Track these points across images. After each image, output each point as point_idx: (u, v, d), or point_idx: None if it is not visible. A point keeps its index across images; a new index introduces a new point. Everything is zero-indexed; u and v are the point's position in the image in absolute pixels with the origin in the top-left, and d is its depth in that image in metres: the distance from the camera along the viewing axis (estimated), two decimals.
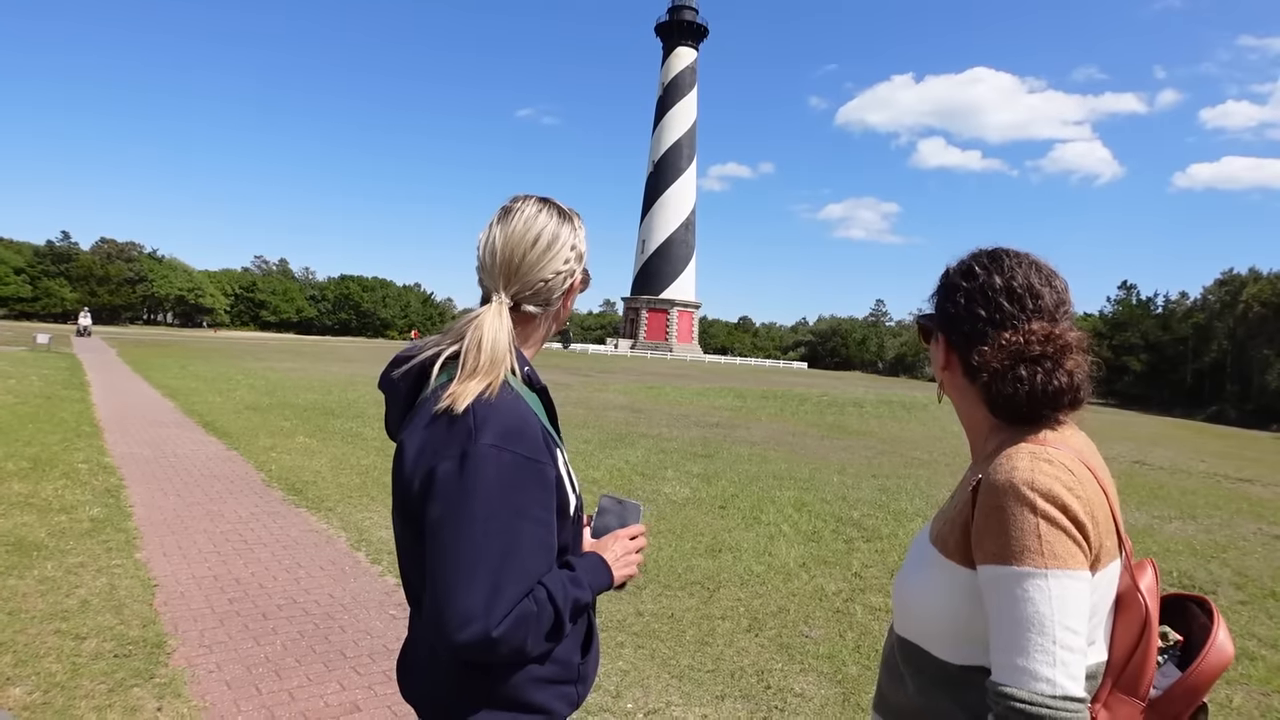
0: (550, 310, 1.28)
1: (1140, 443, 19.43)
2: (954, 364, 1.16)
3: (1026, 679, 0.91)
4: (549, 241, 1.23)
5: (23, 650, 3.34)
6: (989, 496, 0.99)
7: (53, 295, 74.77)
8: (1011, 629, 0.93)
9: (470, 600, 1.03)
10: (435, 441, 1.10)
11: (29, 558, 4.54)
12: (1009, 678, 0.92)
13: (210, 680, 3.23)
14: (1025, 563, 0.94)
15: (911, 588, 1.13)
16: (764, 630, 4.17)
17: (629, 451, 10.34)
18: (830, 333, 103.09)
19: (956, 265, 1.18)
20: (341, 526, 5.78)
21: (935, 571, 1.08)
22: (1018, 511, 0.96)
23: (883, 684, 1.22)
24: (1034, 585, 0.93)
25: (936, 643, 1.08)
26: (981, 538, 0.99)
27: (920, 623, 1.10)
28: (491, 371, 1.13)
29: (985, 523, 0.99)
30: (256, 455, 8.48)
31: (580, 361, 44.43)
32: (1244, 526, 8.31)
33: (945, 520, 1.12)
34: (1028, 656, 0.92)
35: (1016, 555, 0.95)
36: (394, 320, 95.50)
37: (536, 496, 1.11)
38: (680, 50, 75.41)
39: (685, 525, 6.37)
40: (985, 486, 1.01)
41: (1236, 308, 54.95)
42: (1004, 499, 0.98)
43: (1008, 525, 0.96)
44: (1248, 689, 3.88)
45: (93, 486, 6.45)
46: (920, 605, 1.10)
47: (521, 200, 1.27)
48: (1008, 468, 1.00)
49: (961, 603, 1.03)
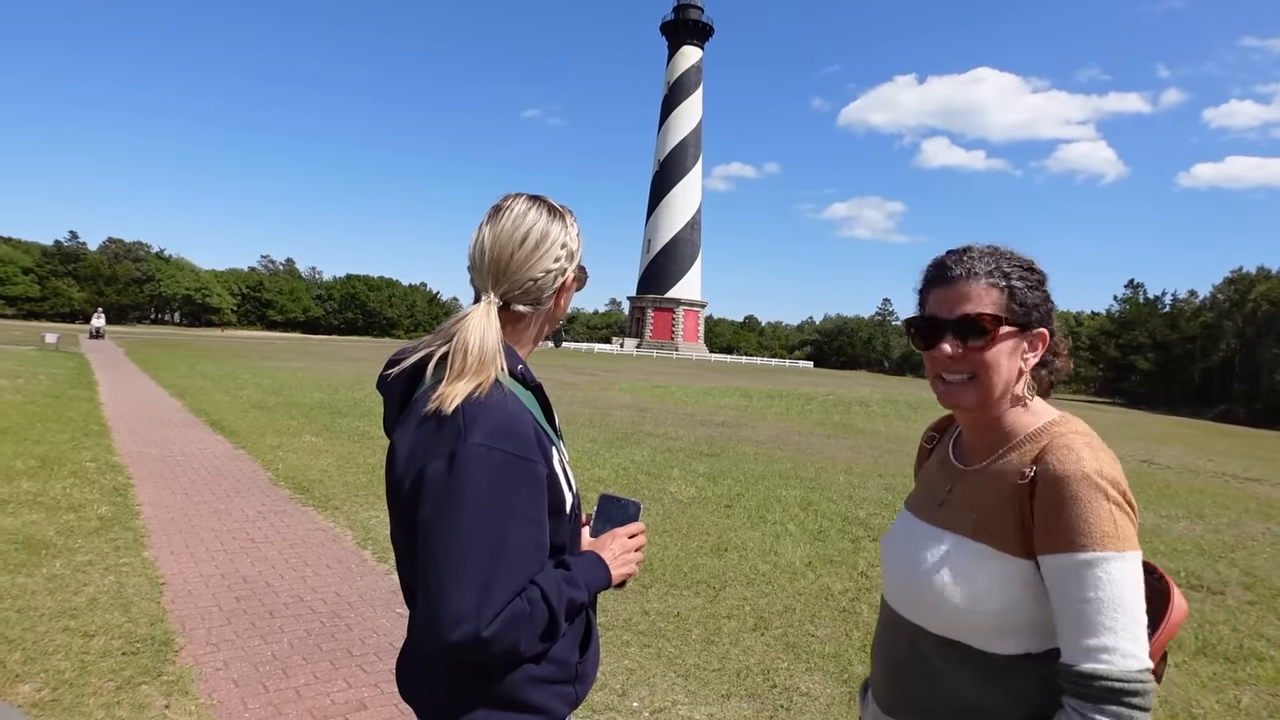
0: (542, 309, 1.27)
1: (1148, 442, 19.34)
2: (1019, 350, 1.14)
3: (1116, 657, 0.97)
4: (538, 240, 1.22)
5: (32, 648, 3.36)
6: (1061, 487, 1.03)
7: (61, 295, 75.13)
8: (1096, 611, 0.98)
9: (460, 600, 1.03)
10: (425, 441, 1.10)
11: (38, 556, 4.56)
12: (1095, 658, 0.98)
13: (218, 678, 3.24)
14: (1108, 547, 0.99)
15: (950, 584, 1.11)
16: (770, 629, 4.17)
17: (635, 451, 10.34)
18: (836, 332, 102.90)
19: (1018, 257, 1.16)
20: (348, 525, 5.80)
21: (985, 564, 1.09)
22: (1093, 499, 1.01)
23: (904, 686, 1.20)
24: (1117, 568, 0.99)
25: (983, 636, 1.09)
26: (1056, 528, 1.02)
27: (966, 617, 1.10)
28: (481, 372, 1.12)
29: (1059, 513, 1.02)
30: (264, 454, 8.51)
31: (586, 361, 44.46)
32: (1252, 526, 8.25)
33: (980, 513, 1.13)
34: (1116, 636, 0.97)
35: (1098, 541, 1.00)
36: (400, 320, 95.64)
37: (528, 495, 1.10)
38: (686, 49, 75.33)
39: (691, 524, 6.36)
40: (1053, 478, 1.04)
41: (1245, 306, 54.60)
42: (1078, 488, 1.02)
43: (1086, 514, 1.01)
44: (1256, 689, 3.85)
45: (101, 485, 6.48)
46: (966, 600, 1.09)
47: (512, 198, 1.26)
48: (1074, 458, 1.04)
49: (1019, 593, 1.07)
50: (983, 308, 1.11)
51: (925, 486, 1.31)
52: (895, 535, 1.29)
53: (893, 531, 1.31)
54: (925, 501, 1.27)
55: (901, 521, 1.30)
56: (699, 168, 75.39)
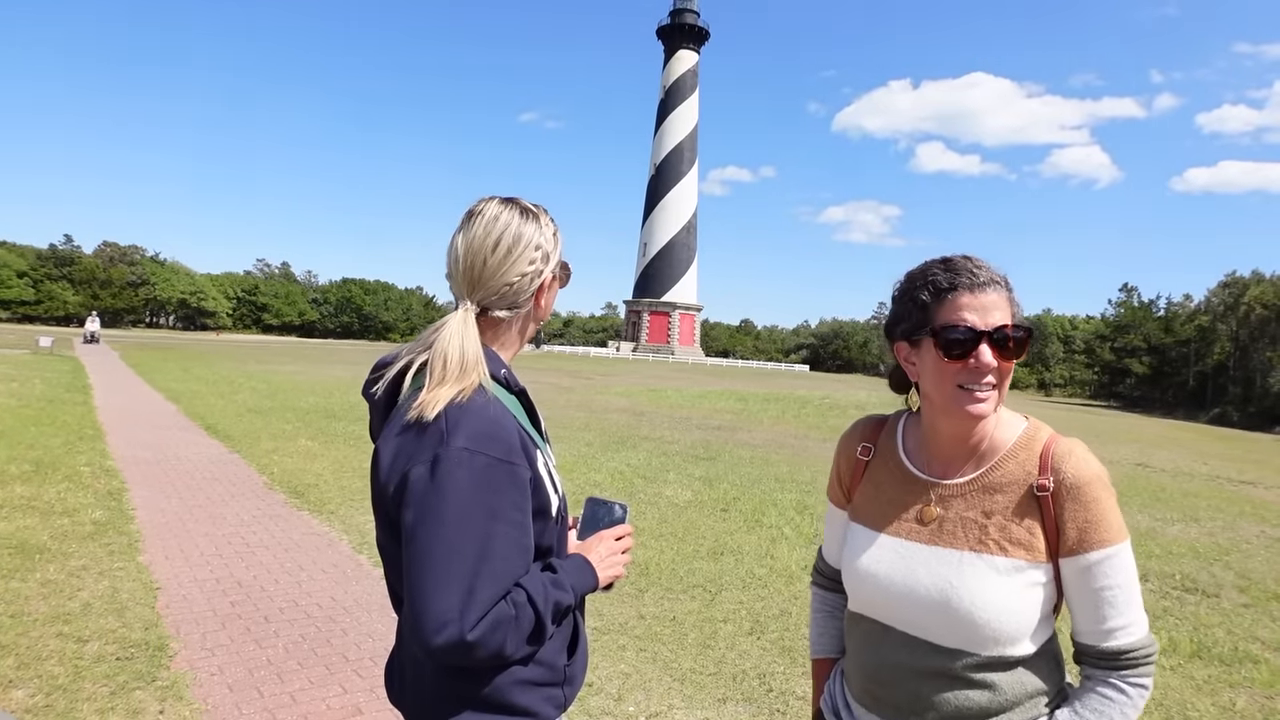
0: (521, 311, 1.27)
1: (1143, 445, 19.39)
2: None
3: (1135, 628, 1.12)
4: (510, 245, 1.21)
5: (25, 653, 3.34)
6: (1085, 490, 1.11)
7: (55, 298, 74.97)
8: (1116, 595, 1.11)
9: (444, 604, 1.03)
10: (408, 447, 1.10)
11: (31, 560, 4.54)
12: (1120, 636, 1.11)
13: (212, 683, 3.23)
14: (1125, 537, 1.12)
15: (986, 602, 1.11)
16: (766, 633, 4.16)
17: (631, 454, 10.34)
18: (832, 335, 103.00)
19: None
20: (344, 529, 5.78)
21: (1018, 577, 1.13)
22: (1108, 498, 1.12)
23: (919, 696, 1.17)
24: (1128, 552, 1.13)
25: (1018, 643, 1.14)
26: (1086, 530, 1.11)
27: (1005, 631, 1.12)
28: (463, 378, 1.12)
29: (1088, 514, 1.11)
30: (259, 458, 8.48)
31: (582, 364, 44.43)
32: (1247, 529, 8.29)
33: (994, 526, 1.15)
34: (1133, 611, 1.12)
35: (1119, 533, 1.11)
36: (396, 323, 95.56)
37: (511, 498, 1.10)
38: (682, 53, 75.51)
39: (687, 528, 6.36)
40: (1074, 486, 1.11)
41: (1239, 310, 54.87)
42: (1098, 490, 1.12)
43: (1106, 513, 1.11)
44: (1251, 692, 3.86)
45: (95, 489, 6.45)
46: (1004, 615, 1.11)
47: (484, 202, 1.26)
48: (1082, 461, 1.13)
49: (1044, 595, 1.14)
50: (1013, 318, 1.14)
51: (887, 503, 1.26)
52: (882, 559, 1.22)
53: (873, 554, 1.23)
54: (897, 518, 1.23)
55: (878, 543, 1.24)
56: (695, 171, 75.52)
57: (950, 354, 1.12)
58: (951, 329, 1.12)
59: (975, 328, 1.11)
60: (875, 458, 1.33)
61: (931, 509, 1.20)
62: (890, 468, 1.29)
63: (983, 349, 1.11)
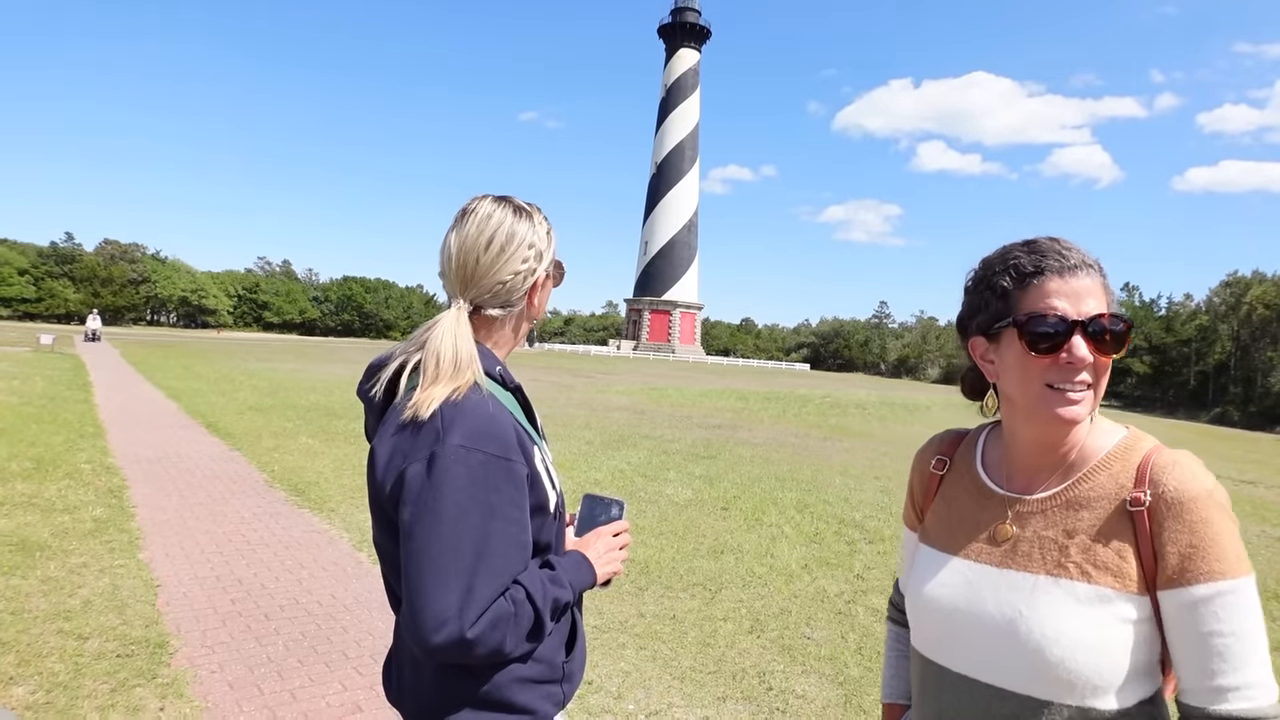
0: (514, 310, 1.27)
1: None
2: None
3: (1256, 691, 0.90)
4: (503, 243, 1.21)
5: (25, 650, 3.35)
6: (1190, 508, 0.93)
7: (56, 296, 74.99)
8: (1232, 645, 0.90)
9: (443, 602, 1.02)
10: (404, 446, 1.10)
11: (32, 558, 4.54)
12: (1234, 698, 0.90)
13: (213, 680, 3.23)
14: (1244, 572, 0.92)
15: (1062, 637, 0.94)
16: (766, 632, 4.17)
17: (631, 453, 10.34)
18: (833, 334, 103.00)
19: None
20: (344, 527, 5.79)
21: (1105, 609, 0.94)
22: (1222, 522, 0.93)
23: None
24: (1251, 593, 0.92)
25: (1103, 694, 0.94)
26: (1190, 557, 0.92)
27: (1082, 674, 0.94)
28: (457, 377, 1.12)
29: (1193, 537, 0.92)
30: (259, 456, 8.49)
31: (583, 363, 44.44)
32: (1247, 529, 8.28)
33: (1077, 548, 0.98)
34: (1254, 669, 0.90)
35: (1233, 566, 0.91)
36: (397, 321, 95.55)
37: (509, 495, 1.10)
38: (683, 52, 75.48)
39: (687, 527, 6.36)
40: (1175, 501, 0.93)
41: (1241, 310, 54.86)
42: (1208, 509, 0.93)
43: (1219, 538, 0.92)
44: None
45: (96, 487, 6.46)
46: (1081, 652, 0.93)
47: (477, 201, 1.26)
48: (1189, 473, 0.95)
49: (1140, 638, 0.95)
50: (1108, 307, 0.97)
51: (959, 521, 1.11)
52: (946, 585, 1.07)
53: (939, 580, 1.08)
54: (968, 539, 1.08)
55: (945, 567, 1.08)
56: (696, 170, 75.52)
57: (1037, 347, 0.96)
58: (1039, 318, 0.96)
59: (1067, 317, 0.95)
60: (950, 472, 1.18)
61: (1007, 527, 1.04)
62: (965, 483, 1.14)
63: (1076, 341, 0.95)
